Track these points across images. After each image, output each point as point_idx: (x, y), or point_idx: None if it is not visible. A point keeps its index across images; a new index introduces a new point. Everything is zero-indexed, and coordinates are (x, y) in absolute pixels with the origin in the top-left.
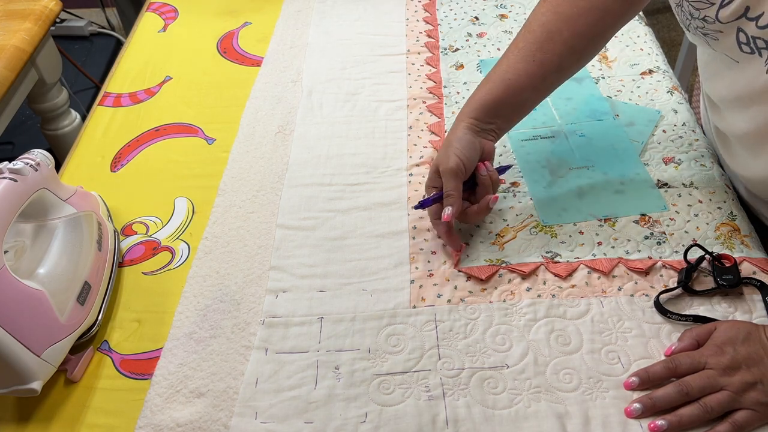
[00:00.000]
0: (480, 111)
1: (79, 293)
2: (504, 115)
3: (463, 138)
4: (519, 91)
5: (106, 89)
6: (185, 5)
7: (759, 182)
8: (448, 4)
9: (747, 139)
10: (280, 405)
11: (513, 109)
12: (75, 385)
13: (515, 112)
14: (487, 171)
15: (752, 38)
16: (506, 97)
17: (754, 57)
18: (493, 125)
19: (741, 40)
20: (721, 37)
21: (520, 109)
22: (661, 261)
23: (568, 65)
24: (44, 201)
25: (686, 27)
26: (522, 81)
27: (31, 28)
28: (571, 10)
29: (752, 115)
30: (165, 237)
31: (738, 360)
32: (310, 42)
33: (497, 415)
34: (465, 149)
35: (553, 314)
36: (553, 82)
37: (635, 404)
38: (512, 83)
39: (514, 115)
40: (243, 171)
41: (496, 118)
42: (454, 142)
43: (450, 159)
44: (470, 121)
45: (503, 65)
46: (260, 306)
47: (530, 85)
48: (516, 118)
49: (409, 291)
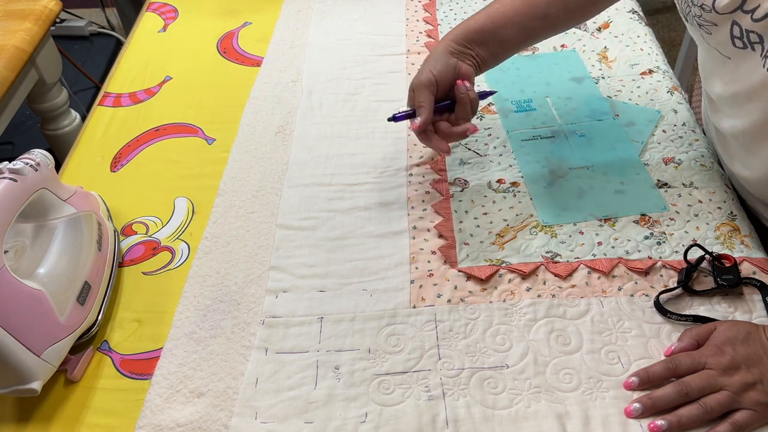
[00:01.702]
0: (460, 35)
1: (79, 293)
2: (484, 44)
3: (438, 56)
4: (502, 24)
5: (106, 89)
6: (185, 5)
7: (756, 182)
8: (448, 4)
9: (744, 138)
10: (280, 405)
11: (495, 41)
12: (75, 385)
13: (497, 45)
14: (466, 89)
15: (746, 32)
16: (488, 27)
17: (747, 52)
18: (472, 51)
19: (735, 33)
20: (715, 31)
21: (501, 44)
22: (661, 261)
23: (556, 16)
24: (44, 201)
25: (685, 16)
26: (507, 14)
27: (31, 28)
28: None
29: (748, 112)
30: (165, 237)
31: (737, 360)
32: (310, 42)
33: (497, 415)
34: (437, 64)
35: (553, 314)
36: (538, 28)
37: (635, 404)
38: (497, 15)
39: (496, 48)
40: (243, 171)
41: (476, 45)
42: (429, 59)
43: (422, 73)
44: (449, 43)
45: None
46: (260, 306)
47: (514, 22)
48: (498, 51)
49: (409, 291)
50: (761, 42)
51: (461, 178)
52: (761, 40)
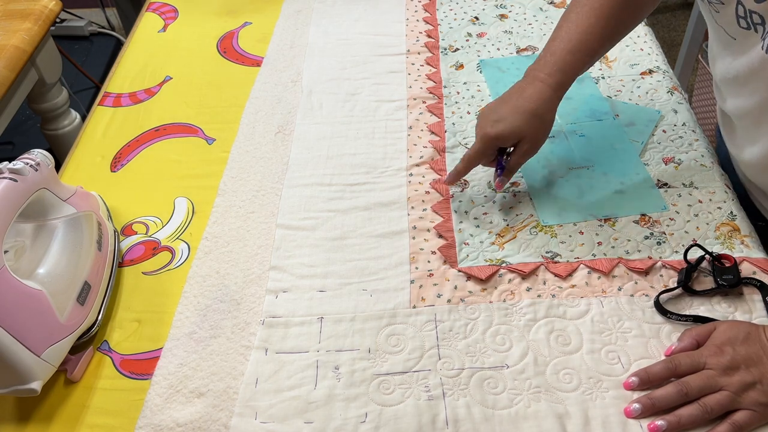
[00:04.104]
0: (563, 81)
1: (79, 293)
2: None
3: (536, 112)
4: (589, 52)
5: (106, 89)
6: (185, 5)
7: (758, 165)
8: (448, 4)
9: (747, 120)
10: (280, 405)
11: (583, 69)
12: (75, 385)
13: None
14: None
15: (749, 12)
16: (583, 62)
17: (750, 33)
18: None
19: (739, 13)
20: (722, 9)
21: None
22: (661, 261)
23: (627, 17)
24: (44, 201)
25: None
26: (591, 44)
27: (31, 28)
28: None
29: (750, 92)
30: (165, 237)
31: (737, 360)
32: (310, 42)
33: (497, 415)
34: (523, 125)
35: (553, 314)
36: (617, 35)
37: (635, 404)
38: (581, 46)
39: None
40: (243, 171)
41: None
42: (529, 104)
43: (500, 125)
44: (556, 93)
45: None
46: (260, 306)
47: (600, 42)
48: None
49: (409, 291)
50: (763, 24)
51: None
52: (763, 21)
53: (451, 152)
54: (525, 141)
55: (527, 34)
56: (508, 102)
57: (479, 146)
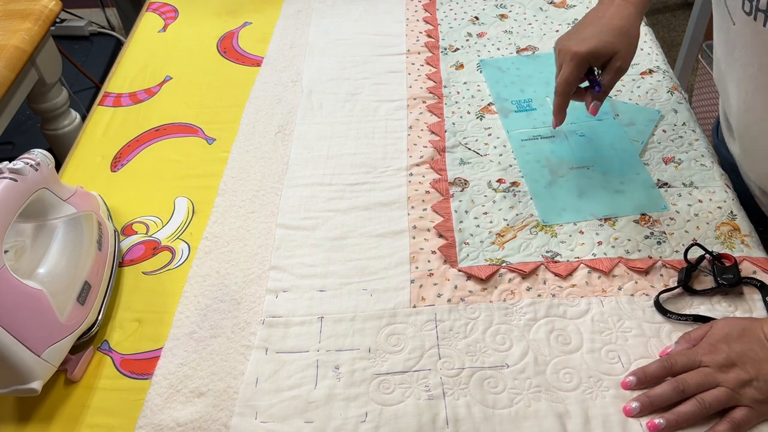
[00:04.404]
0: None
1: (79, 293)
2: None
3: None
4: None
5: (106, 89)
6: (185, 5)
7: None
8: (448, 4)
9: (741, 108)
10: (280, 405)
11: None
12: (75, 385)
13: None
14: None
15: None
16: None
17: (750, 20)
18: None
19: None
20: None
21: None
22: (661, 260)
23: None
24: (44, 201)
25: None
26: None
27: (31, 28)
28: None
29: (749, 77)
30: (165, 237)
31: (732, 357)
32: (310, 42)
33: (497, 414)
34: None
35: (553, 314)
36: None
37: (633, 403)
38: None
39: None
40: (243, 171)
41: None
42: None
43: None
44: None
45: None
46: (260, 306)
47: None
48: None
49: (409, 291)
50: (766, 12)
51: (461, 178)
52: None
53: (451, 152)
54: (617, 58)
55: (527, 34)
56: (590, 24)
57: (571, 69)
